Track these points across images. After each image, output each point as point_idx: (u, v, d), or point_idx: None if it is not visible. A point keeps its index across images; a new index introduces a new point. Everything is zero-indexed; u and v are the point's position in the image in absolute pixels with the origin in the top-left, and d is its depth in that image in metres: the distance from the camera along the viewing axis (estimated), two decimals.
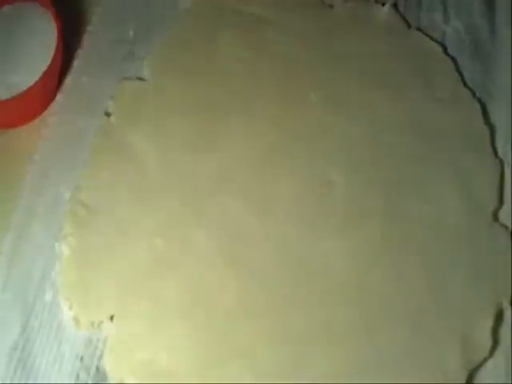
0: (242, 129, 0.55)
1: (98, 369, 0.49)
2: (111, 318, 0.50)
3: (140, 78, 0.57)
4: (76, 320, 0.50)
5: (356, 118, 0.55)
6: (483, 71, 0.57)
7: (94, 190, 0.53)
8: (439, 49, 0.57)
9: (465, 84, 0.56)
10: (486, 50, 0.58)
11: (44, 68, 0.54)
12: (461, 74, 0.56)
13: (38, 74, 0.54)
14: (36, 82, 0.54)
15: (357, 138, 0.54)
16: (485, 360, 0.47)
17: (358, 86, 0.56)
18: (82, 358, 0.49)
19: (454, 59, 0.57)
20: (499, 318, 0.48)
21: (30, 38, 0.56)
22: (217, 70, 0.57)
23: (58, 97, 0.57)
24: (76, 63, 0.58)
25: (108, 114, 0.56)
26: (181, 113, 0.55)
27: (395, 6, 0.59)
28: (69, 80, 0.58)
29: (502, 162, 0.53)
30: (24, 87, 0.53)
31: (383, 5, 0.59)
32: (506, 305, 0.48)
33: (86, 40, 0.59)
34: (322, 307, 0.49)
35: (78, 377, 0.49)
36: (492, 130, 0.54)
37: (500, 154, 0.53)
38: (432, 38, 0.58)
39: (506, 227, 0.51)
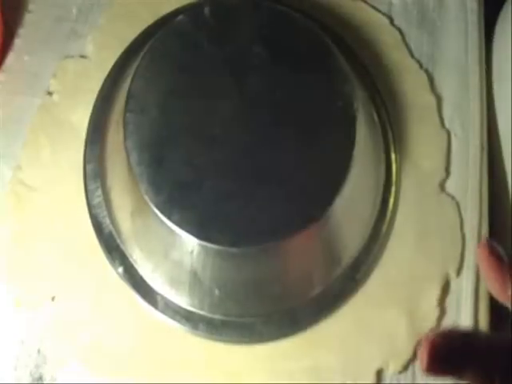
0: None
1: (39, 351, 0.47)
2: (53, 298, 0.48)
3: (83, 56, 0.56)
4: (17, 301, 0.48)
5: None
6: (430, 42, 0.56)
7: (36, 169, 0.52)
8: (386, 21, 0.56)
9: (412, 55, 0.55)
10: (433, 20, 0.57)
11: None
12: (407, 45, 0.55)
13: None
14: None
15: None
16: (432, 330, 0.46)
17: None
18: (22, 341, 0.48)
19: (400, 31, 0.56)
20: (446, 288, 0.48)
21: None
22: None
23: (0, 76, 0.56)
24: (17, 42, 0.57)
25: (50, 93, 0.55)
26: None
27: None
28: (10, 59, 0.56)
29: (448, 132, 0.53)
30: None
31: None
32: (452, 275, 0.48)
33: (28, 18, 0.57)
34: None
35: (18, 359, 0.47)
36: (439, 100, 0.53)
37: (447, 124, 0.53)
38: (378, 10, 0.57)
39: (453, 197, 0.50)
